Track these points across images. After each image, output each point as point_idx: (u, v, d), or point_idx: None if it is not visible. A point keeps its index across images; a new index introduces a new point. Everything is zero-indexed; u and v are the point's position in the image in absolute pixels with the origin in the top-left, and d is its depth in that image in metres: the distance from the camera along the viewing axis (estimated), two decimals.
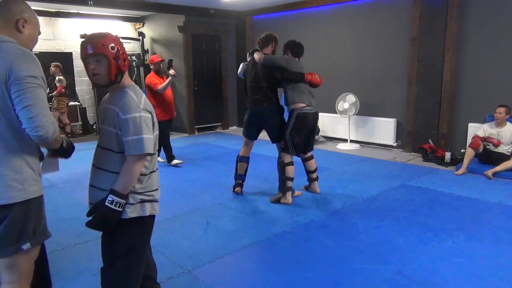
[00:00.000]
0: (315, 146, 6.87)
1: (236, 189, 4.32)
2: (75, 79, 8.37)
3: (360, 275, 2.62)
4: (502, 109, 4.85)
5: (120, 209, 1.71)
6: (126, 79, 1.83)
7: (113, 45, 1.76)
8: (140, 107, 1.72)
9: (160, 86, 5.32)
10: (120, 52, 1.77)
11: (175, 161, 5.63)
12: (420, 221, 3.52)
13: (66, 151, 1.84)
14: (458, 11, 5.49)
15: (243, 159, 4.31)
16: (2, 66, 1.53)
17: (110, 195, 1.70)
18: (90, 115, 8.64)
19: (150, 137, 1.73)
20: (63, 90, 7.33)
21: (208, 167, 5.59)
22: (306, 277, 2.61)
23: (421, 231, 3.31)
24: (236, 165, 4.33)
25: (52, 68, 7.34)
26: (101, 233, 1.84)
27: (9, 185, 1.57)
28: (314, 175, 4.31)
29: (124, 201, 1.72)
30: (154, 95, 5.34)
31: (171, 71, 5.39)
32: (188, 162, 5.79)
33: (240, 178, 4.34)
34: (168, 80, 5.33)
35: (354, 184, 4.65)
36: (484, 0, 5.32)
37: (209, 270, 2.72)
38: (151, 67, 5.57)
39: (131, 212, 1.77)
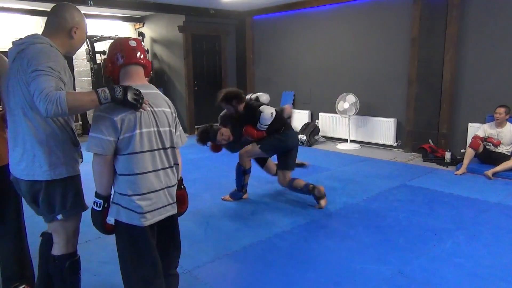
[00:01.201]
0: (314, 146, 6.90)
1: (245, 196, 4.24)
2: (75, 79, 8.37)
3: (360, 275, 2.62)
4: (502, 109, 4.85)
5: (98, 208, 1.74)
6: (123, 81, 1.85)
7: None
8: (100, 107, 1.71)
9: None
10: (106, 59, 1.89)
11: None
12: (420, 221, 3.52)
13: None
14: (458, 11, 5.49)
15: (249, 171, 4.19)
16: (29, 57, 1.75)
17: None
18: (90, 115, 8.63)
19: (96, 136, 1.68)
20: None
21: (208, 167, 5.59)
22: (306, 277, 2.61)
23: (421, 231, 3.31)
24: (244, 177, 4.13)
25: None
26: (101, 235, 1.86)
27: (37, 166, 1.83)
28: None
29: (100, 200, 1.74)
30: None
31: None
32: (188, 162, 5.79)
33: (246, 187, 4.25)
34: None
35: (354, 184, 4.65)
36: (484, 1, 5.32)
37: (209, 270, 2.72)
38: None
39: (111, 213, 1.76)
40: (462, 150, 5.47)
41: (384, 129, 6.55)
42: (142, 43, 8.86)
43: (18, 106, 1.82)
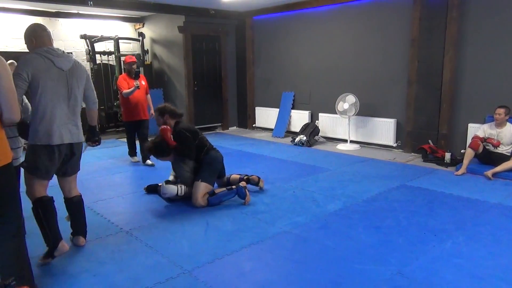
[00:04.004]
0: (314, 147, 6.91)
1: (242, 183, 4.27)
2: None
3: (360, 276, 2.62)
4: (501, 110, 4.85)
5: None
6: None
7: None
8: None
9: (125, 91, 5.45)
10: None
11: (132, 159, 5.94)
12: (420, 221, 3.52)
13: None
14: (458, 11, 5.49)
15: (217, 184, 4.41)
16: (84, 71, 2.94)
17: None
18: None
19: None
20: None
21: None
22: (306, 278, 2.61)
23: (421, 231, 3.31)
24: (223, 192, 4.03)
25: None
26: (101, 235, 1.84)
27: (81, 131, 2.89)
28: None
29: None
30: (121, 95, 5.59)
31: (135, 82, 5.47)
32: None
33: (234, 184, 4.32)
34: (132, 88, 5.42)
35: (354, 185, 4.65)
36: (483, 1, 5.32)
37: (209, 270, 2.72)
38: (124, 67, 5.82)
39: None
40: (462, 151, 5.47)
41: (384, 130, 6.56)
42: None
43: (80, 97, 2.87)
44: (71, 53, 3.04)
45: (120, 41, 8.33)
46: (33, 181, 2.79)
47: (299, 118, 7.80)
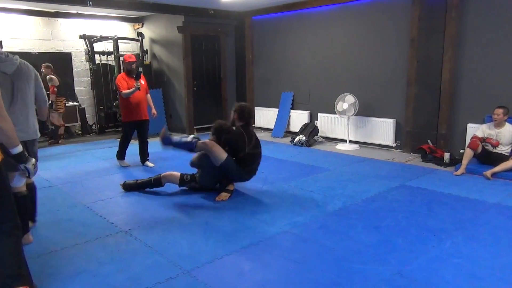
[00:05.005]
0: (314, 147, 6.91)
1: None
2: (74, 79, 8.37)
3: (359, 276, 2.62)
4: (500, 110, 4.85)
5: None
6: None
7: None
8: None
9: (124, 91, 5.28)
10: None
11: (121, 162, 5.66)
12: (419, 221, 3.52)
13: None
14: (457, 11, 5.50)
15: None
16: (31, 71, 3.06)
17: None
18: (89, 115, 8.63)
19: None
20: (55, 89, 7.18)
21: None
22: (305, 278, 2.61)
23: (420, 231, 3.31)
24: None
25: (44, 70, 7.16)
26: (100, 235, 1.84)
27: (36, 129, 3.08)
28: None
29: None
30: (120, 95, 5.43)
31: (135, 83, 5.31)
32: (187, 162, 5.77)
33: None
34: (132, 89, 5.27)
35: (353, 185, 4.65)
36: (483, 1, 5.33)
37: (208, 270, 2.72)
38: (123, 66, 5.67)
39: None
40: (461, 151, 5.48)
41: (383, 130, 6.56)
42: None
43: (30, 97, 3.00)
44: (16, 55, 3.05)
45: (119, 41, 8.32)
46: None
47: (298, 118, 7.80)
